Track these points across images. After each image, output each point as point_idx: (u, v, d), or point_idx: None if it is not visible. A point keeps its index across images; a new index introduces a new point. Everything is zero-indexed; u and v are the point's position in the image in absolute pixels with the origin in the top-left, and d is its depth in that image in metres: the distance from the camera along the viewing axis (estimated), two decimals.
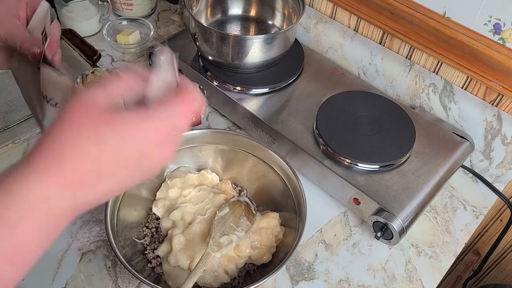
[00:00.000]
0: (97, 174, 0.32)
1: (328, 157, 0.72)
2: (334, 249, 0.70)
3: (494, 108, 0.76)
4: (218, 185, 0.71)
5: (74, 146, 0.32)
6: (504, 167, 0.79)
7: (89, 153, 0.32)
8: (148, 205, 0.69)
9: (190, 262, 0.61)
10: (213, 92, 0.83)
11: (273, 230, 0.66)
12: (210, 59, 0.83)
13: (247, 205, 0.67)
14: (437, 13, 0.76)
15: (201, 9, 0.91)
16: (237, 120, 0.84)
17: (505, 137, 0.76)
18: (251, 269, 0.64)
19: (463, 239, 0.74)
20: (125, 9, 1.03)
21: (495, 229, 0.94)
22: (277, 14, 0.92)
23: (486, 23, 0.71)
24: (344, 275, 0.68)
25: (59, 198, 0.31)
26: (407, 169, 0.72)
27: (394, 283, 0.67)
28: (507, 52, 0.71)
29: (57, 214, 0.32)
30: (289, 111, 0.79)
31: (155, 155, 0.35)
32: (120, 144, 0.33)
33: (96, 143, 0.32)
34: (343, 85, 0.84)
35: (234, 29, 0.93)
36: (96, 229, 0.68)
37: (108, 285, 0.63)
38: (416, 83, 0.84)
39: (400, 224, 0.65)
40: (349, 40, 0.89)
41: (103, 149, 0.32)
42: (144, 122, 0.34)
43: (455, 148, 0.76)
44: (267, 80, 0.83)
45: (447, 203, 0.78)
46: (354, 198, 0.70)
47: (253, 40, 0.78)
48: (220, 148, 0.71)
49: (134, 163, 0.34)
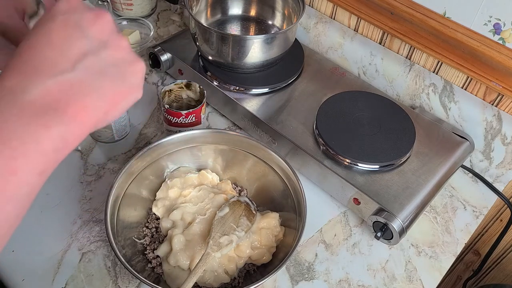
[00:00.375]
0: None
1: (328, 157, 0.72)
2: (334, 249, 0.70)
3: (494, 108, 0.76)
4: (218, 185, 0.71)
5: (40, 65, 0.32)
6: (504, 167, 0.79)
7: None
8: (148, 205, 0.69)
9: (190, 262, 0.61)
10: (213, 92, 0.83)
11: (273, 230, 0.66)
12: (210, 59, 0.83)
13: (247, 205, 0.67)
14: (437, 13, 0.76)
15: (201, 9, 0.91)
16: (237, 120, 0.84)
17: (505, 137, 0.76)
18: (251, 269, 0.64)
19: (463, 239, 0.74)
20: (125, 9, 1.03)
21: (495, 229, 0.94)
22: (277, 14, 0.92)
23: (486, 23, 0.71)
24: (344, 275, 0.68)
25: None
26: (407, 169, 0.72)
27: (394, 283, 0.67)
28: (507, 52, 0.71)
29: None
30: (289, 111, 0.79)
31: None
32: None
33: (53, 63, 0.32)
34: (343, 85, 0.84)
35: (234, 29, 0.93)
36: (96, 229, 0.68)
37: (108, 285, 0.63)
38: (416, 83, 0.84)
39: (400, 224, 0.65)
40: (349, 40, 0.89)
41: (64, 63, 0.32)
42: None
43: (455, 148, 0.76)
44: (267, 80, 0.83)
45: (447, 203, 0.78)
46: (354, 198, 0.70)
47: (253, 40, 0.78)
48: (220, 148, 0.71)
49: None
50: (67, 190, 0.72)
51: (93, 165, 0.76)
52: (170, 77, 0.93)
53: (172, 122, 0.73)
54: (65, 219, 0.69)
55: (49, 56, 0.32)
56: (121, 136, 0.80)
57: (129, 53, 0.37)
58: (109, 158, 0.78)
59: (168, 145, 0.68)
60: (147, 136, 0.82)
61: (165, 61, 0.88)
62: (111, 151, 0.79)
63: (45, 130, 0.31)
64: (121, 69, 0.35)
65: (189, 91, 0.77)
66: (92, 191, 0.73)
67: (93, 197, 0.72)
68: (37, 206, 0.69)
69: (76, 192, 0.72)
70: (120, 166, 0.76)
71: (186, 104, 0.79)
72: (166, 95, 0.76)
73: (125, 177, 0.63)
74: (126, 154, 0.79)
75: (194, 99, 0.78)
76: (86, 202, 0.71)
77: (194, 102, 0.78)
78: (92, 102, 0.33)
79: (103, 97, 0.34)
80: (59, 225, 0.68)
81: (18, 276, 0.62)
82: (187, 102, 0.79)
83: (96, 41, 0.34)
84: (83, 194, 0.72)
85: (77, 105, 0.32)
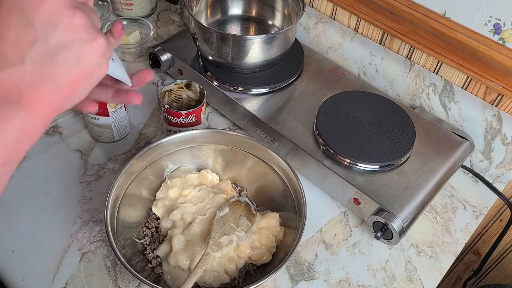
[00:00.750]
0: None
1: (328, 157, 0.72)
2: (334, 249, 0.70)
3: (494, 108, 0.76)
4: (218, 185, 0.71)
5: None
6: (504, 167, 0.79)
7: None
8: (148, 205, 0.69)
9: (190, 262, 0.61)
10: (213, 92, 0.83)
11: (273, 230, 0.66)
12: (210, 59, 0.83)
13: (247, 205, 0.67)
14: (437, 13, 0.76)
15: (201, 9, 0.91)
16: (237, 120, 0.84)
17: (505, 137, 0.76)
18: (251, 269, 0.64)
19: (463, 239, 0.74)
20: (125, 9, 1.03)
21: (495, 229, 0.94)
22: (277, 14, 0.92)
23: (486, 23, 0.71)
24: (344, 275, 0.68)
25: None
26: (407, 169, 0.72)
27: (394, 283, 0.67)
28: (507, 52, 0.71)
29: None
30: (289, 111, 0.79)
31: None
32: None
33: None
34: (343, 85, 0.84)
35: (234, 29, 0.93)
36: (96, 229, 0.68)
37: (108, 285, 0.63)
38: (416, 83, 0.84)
39: (400, 224, 0.65)
40: (349, 40, 0.89)
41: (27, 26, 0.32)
42: None
43: (455, 148, 0.76)
44: (267, 80, 0.83)
45: (447, 203, 0.78)
46: (354, 198, 0.70)
47: (253, 40, 0.78)
48: (220, 148, 0.71)
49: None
50: (67, 190, 0.72)
51: (93, 165, 0.76)
52: (170, 77, 0.93)
53: (172, 122, 0.74)
54: (65, 219, 0.69)
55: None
56: (121, 136, 0.80)
57: (84, 31, 0.34)
58: (109, 158, 0.78)
59: (168, 145, 0.68)
60: (147, 136, 0.82)
61: (165, 61, 0.88)
62: (111, 151, 0.79)
63: (3, 123, 0.31)
64: (74, 51, 0.34)
65: (189, 91, 0.77)
66: (92, 191, 0.73)
67: (93, 197, 0.72)
68: (37, 206, 0.69)
69: (76, 192, 0.72)
70: (120, 166, 0.76)
71: (186, 104, 0.79)
72: (166, 95, 0.76)
73: (125, 177, 0.63)
74: (126, 154, 0.79)
75: (194, 99, 0.78)
76: (86, 202, 0.71)
77: (194, 102, 0.78)
78: (46, 91, 0.33)
79: (58, 84, 0.33)
80: (59, 225, 0.68)
81: (18, 276, 0.62)
82: (187, 102, 0.79)
83: (44, 25, 0.33)
84: (83, 194, 0.72)
85: (31, 97, 0.32)
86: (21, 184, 0.72)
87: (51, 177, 0.74)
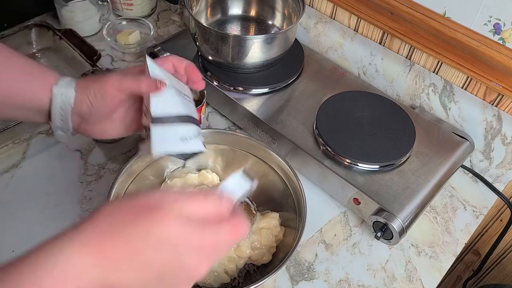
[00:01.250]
0: (130, 261, 0.34)
1: (328, 157, 0.72)
2: (334, 249, 0.70)
3: (494, 108, 0.76)
4: (218, 185, 0.71)
5: (122, 230, 0.34)
6: (504, 167, 0.79)
7: (133, 241, 0.34)
8: None
9: None
10: (213, 92, 0.83)
11: (273, 230, 0.65)
12: (210, 59, 0.83)
13: (247, 205, 0.67)
14: (437, 13, 0.76)
15: (201, 9, 0.91)
16: (237, 120, 0.84)
17: (505, 137, 0.76)
18: (251, 269, 0.64)
19: (463, 239, 0.74)
20: (125, 9, 1.03)
21: (495, 229, 0.94)
22: (277, 14, 0.92)
23: (486, 23, 0.71)
24: (344, 275, 0.68)
25: (91, 272, 0.33)
26: (407, 169, 0.72)
27: (394, 283, 0.67)
28: (507, 52, 0.71)
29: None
30: (289, 111, 0.79)
31: (189, 264, 0.36)
32: (161, 243, 0.34)
33: (143, 237, 0.34)
34: (343, 85, 0.84)
35: (234, 29, 0.93)
36: None
37: None
38: (416, 83, 0.84)
39: (400, 224, 0.65)
40: (349, 40, 0.89)
41: (147, 243, 0.34)
42: (192, 231, 0.35)
43: (455, 148, 0.76)
44: (267, 80, 0.83)
45: (447, 203, 0.78)
46: (354, 198, 0.70)
47: (253, 40, 0.78)
48: (220, 148, 0.71)
49: (168, 265, 0.35)
50: (67, 190, 0.72)
51: (93, 165, 0.76)
52: None
53: None
54: (65, 219, 0.69)
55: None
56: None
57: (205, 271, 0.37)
58: (109, 158, 0.78)
59: None
60: None
61: None
62: (111, 151, 0.79)
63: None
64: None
65: None
66: (92, 191, 0.73)
67: (93, 197, 0.72)
68: (37, 206, 0.69)
69: (76, 192, 0.72)
70: (120, 166, 0.76)
71: None
72: None
73: (125, 177, 0.63)
74: (126, 154, 0.79)
75: (194, 99, 0.78)
76: (86, 202, 0.71)
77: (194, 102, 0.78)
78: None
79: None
80: (59, 225, 0.68)
81: None
82: None
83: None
84: (83, 194, 0.72)
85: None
86: (21, 184, 0.72)
87: (51, 177, 0.74)
